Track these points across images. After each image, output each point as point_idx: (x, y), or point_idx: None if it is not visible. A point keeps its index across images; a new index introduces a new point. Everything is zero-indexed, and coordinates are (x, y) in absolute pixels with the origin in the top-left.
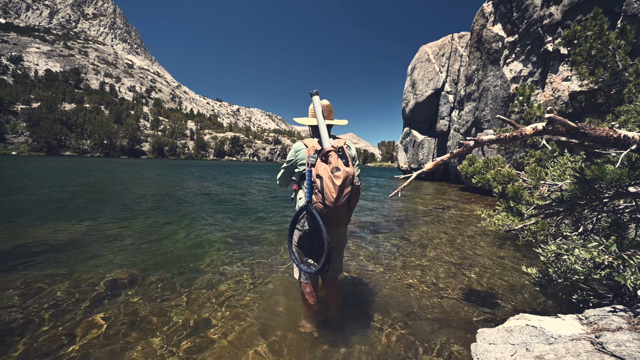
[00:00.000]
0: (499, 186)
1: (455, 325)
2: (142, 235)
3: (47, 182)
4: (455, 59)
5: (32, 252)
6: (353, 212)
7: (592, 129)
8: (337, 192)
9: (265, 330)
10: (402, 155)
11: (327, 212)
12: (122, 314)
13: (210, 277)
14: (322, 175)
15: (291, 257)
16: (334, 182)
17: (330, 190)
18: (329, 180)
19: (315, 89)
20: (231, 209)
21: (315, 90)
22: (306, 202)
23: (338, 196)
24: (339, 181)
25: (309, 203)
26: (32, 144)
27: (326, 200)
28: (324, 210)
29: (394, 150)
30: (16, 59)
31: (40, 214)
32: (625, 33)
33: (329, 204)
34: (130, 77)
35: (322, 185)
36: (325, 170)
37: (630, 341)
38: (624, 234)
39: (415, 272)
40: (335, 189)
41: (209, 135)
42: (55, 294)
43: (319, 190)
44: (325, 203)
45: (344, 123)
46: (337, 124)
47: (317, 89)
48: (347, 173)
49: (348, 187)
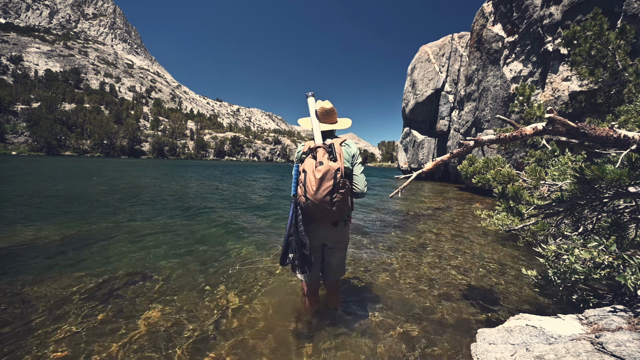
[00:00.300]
0: (499, 186)
1: (455, 325)
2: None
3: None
4: (455, 59)
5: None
6: (342, 211)
7: (592, 129)
8: (316, 185)
9: (263, 327)
10: (402, 155)
11: (309, 206)
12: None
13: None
14: (306, 170)
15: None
16: (315, 175)
17: (311, 182)
18: (311, 174)
19: (310, 91)
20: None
21: (311, 92)
22: (292, 195)
23: (317, 189)
24: (319, 174)
25: (294, 196)
26: (32, 144)
27: (307, 193)
28: (306, 202)
29: (394, 150)
30: (16, 59)
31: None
32: (625, 33)
33: (310, 197)
34: (130, 77)
35: (305, 179)
36: (310, 165)
37: (630, 341)
38: (624, 234)
39: (415, 272)
40: (316, 181)
41: (209, 135)
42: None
43: (302, 183)
44: (306, 196)
45: (346, 126)
46: (338, 127)
47: (312, 91)
48: (329, 167)
49: (329, 181)
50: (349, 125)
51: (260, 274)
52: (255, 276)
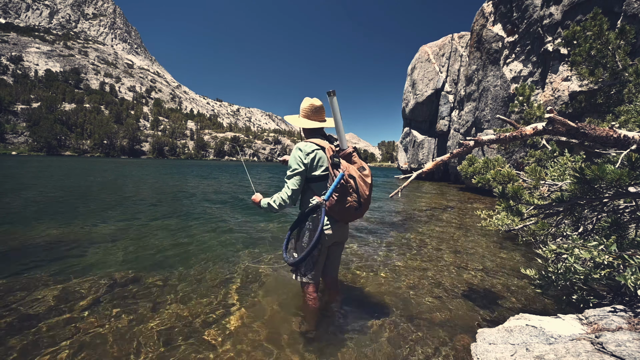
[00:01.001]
0: (499, 186)
1: (455, 325)
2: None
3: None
4: (455, 59)
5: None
6: None
7: (592, 129)
8: (369, 190)
9: (265, 328)
10: (402, 155)
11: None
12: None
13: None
14: (354, 175)
15: (284, 242)
16: (365, 181)
17: (364, 189)
18: (360, 180)
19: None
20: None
21: (333, 90)
22: (324, 200)
23: (369, 193)
24: (369, 179)
25: (325, 201)
26: (32, 144)
27: (361, 199)
28: (359, 208)
29: (394, 150)
30: (16, 59)
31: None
32: (625, 33)
33: (363, 202)
34: (130, 77)
35: (356, 185)
36: (355, 170)
37: (630, 341)
38: (624, 233)
39: (415, 272)
40: (368, 187)
41: (208, 135)
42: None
43: (354, 190)
44: (360, 201)
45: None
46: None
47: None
48: (370, 171)
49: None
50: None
51: (261, 273)
52: (256, 275)
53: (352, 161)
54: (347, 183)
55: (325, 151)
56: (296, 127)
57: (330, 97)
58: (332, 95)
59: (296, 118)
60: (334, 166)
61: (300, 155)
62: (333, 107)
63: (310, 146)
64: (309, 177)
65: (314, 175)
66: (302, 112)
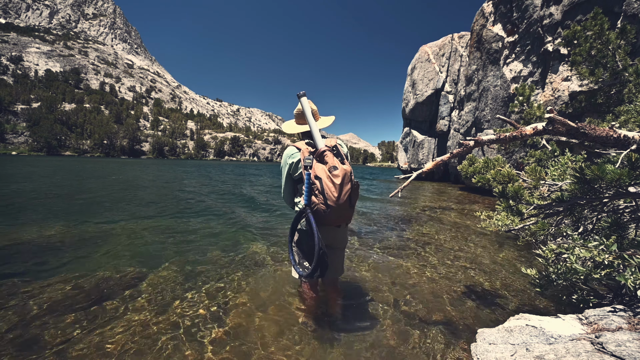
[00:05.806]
0: (499, 186)
1: (455, 324)
2: None
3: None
4: (455, 59)
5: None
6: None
7: (592, 129)
8: (337, 191)
9: (263, 325)
10: (402, 155)
11: (330, 212)
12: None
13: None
14: (320, 176)
15: (290, 257)
16: (333, 182)
17: (331, 189)
18: (328, 180)
19: (302, 90)
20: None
21: (303, 91)
22: (305, 205)
23: (339, 195)
24: (338, 180)
25: (307, 206)
26: (32, 144)
27: (328, 201)
28: (327, 210)
29: (394, 150)
30: (16, 59)
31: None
32: (625, 33)
33: (332, 204)
34: (130, 77)
35: (322, 186)
36: (323, 170)
37: (630, 341)
38: (624, 233)
39: (415, 272)
40: (336, 188)
41: (209, 135)
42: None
43: (319, 191)
44: (327, 203)
45: (329, 123)
46: (325, 126)
47: (304, 90)
48: (345, 171)
49: (347, 185)
50: (331, 122)
51: (262, 270)
52: (256, 275)
53: (324, 161)
54: (313, 184)
55: (301, 153)
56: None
57: (299, 99)
58: (300, 97)
59: (290, 123)
60: (305, 168)
61: (284, 159)
62: (304, 108)
63: (291, 149)
64: (295, 179)
65: (296, 177)
66: (294, 117)
